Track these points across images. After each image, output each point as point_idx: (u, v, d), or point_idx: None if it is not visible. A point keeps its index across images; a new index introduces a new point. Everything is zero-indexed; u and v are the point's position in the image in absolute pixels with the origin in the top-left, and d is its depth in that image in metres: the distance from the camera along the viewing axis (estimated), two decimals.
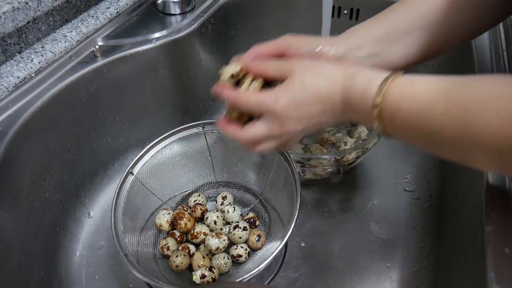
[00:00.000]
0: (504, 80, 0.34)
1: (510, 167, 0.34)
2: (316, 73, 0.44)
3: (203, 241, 0.60)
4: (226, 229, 0.62)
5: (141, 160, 0.62)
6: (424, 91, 0.38)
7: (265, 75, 0.47)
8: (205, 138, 0.66)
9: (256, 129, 0.46)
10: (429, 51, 0.51)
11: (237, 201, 0.68)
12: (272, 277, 0.61)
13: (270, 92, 0.45)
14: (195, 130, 0.65)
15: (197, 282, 0.55)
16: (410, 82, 0.39)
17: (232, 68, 0.49)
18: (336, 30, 0.71)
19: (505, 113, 0.32)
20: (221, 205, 0.65)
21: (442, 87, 0.37)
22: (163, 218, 0.63)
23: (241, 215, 0.64)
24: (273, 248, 0.56)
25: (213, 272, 0.55)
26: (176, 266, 0.57)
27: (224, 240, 0.58)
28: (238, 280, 0.51)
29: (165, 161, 0.65)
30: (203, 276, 0.54)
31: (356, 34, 0.51)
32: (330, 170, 0.67)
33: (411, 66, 0.51)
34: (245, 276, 0.51)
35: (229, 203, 0.66)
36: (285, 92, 0.44)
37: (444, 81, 0.37)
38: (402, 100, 0.39)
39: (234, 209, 0.64)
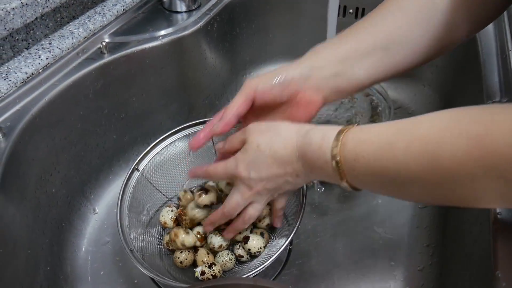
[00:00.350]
0: (459, 108, 0.34)
1: (485, 194, 0.32)
2: (270, 136, 0.45)
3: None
4: None
5: (147, 157, 0.62)
6: (381, 133, 0.38)
7: (233, 150, 0.50)
8: None
9: (230, 197, 0.49)
10: (395, 69, 0.49)
11: None
12: (276, 274, 0.61)
13: (231, 158, 0.48)
14: (200, 127, 0.65)
15: (199, 278, 0.55)
16: (365, 129, 0.40)
17: None
18: (341, 29, 0.71)
19: (468, 135, 0.31)
20: None
21: (398, 126, 0.37)
22: (167, 216, 0.63)
23: None
24: (278, 245, 0.57)
25: (213, 269, 0.55)
26: (181, 262, 0.57)
27: (219, 241, 0.57)
28: (243, 276, 0.52)
29: (171, 158, 0.66)
30: (202, 273, 0.55)
31: (319, 54, 0.50)
32: None
33: (378, 83, 0.50)
34: (250, 273, 0.52)
35: None
36: (243, 156, 0.47)
37: (399, 122, 0.38)
38: (360, 146, 0.38)
39: None
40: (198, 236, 0.58)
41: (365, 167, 0.38)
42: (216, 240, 0.57)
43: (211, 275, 0.55)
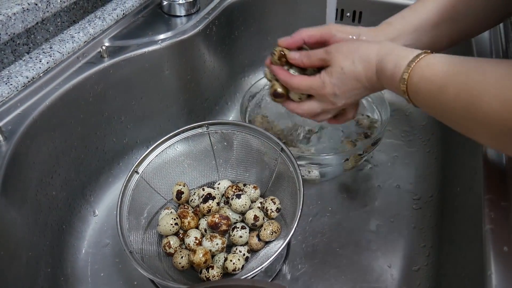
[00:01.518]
0: (508, 64, 0.38)
1: (508, 145, 0.38)
2: (352, 59, 0.51)
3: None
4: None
5: (146, 159, 0.63)
6: (441, 74, 0.43)
7: (311, 66, 0.55)
8: (209, 138, 0.67)
9: (311, 106, 0.56)
10: (455, 40, 0.56)
11: None
12: (275, 275, 0.61)
13: (316, 78, 0.53)
14: (199, 130, 0.66)
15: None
16: (432, 64, 0.44)
17: (279, 48, 0.57)
18: None
19: (503, 99, 0.36)
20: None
21: (456, 71, 0.42)
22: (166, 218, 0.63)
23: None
24: (276, 246, 0.57)
25: (212, 272, 0.56)
26: (182, 266, 0.58)
27: (217, 244, 0.57)
28: (241, 278, 0.52)
29: (170, 161, 0.66)
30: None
31: (394, 26, 0.56)
32: None
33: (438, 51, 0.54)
34: (248, 274, 0.52)
35: None
36: (330, 78, 0.52)
37: (459, 64, 0.42)
38: (422, 83, 0.44)
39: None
40: (196, 241, 0.59)
41: (423, 99, 0.45)
42: (207, 245, 0.57)
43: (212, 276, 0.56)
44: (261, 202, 0.63)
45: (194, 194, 0.66)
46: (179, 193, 0.64)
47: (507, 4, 0.54)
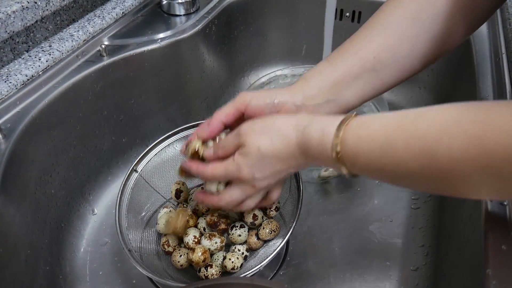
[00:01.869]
0: (459, 106, 0.35)
1: (482, 190, 0.34)
2: (270, 137, 0.45)
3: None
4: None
5: (145, 158, 0.63)
6: (381, 130, 0.38)
7: (229, 156, 0.48)
8: None
9: (232, 193, 0.49)
10: (384, 87, 0.51)
11: None
12: (273, 274, 0.61)
13: (230, 161, 0.47)
14: None
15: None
16: (365, 124, 0.40)
17: (194, 144, 0.52)
18: (338, 32, 0.72)
19: (466, 135, 0.32)
20: None
21: (398, 123, 0.38)
22: (165, 217, 0.63)
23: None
24: (275, 245, 0.58)
25: (211, 271, 0.56)
26: (181, 265, 0.58)
27: (216, 242, 0.57)
28: (240, 276, 0.52)
29: (169, 159, 0.66)
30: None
31: (311, 82, 0.51)
32: None
33: (367, 101, 0.52)
34: (247, 273, 0.52)
35: None
36: (245, 161, 0.46)
37: (398, 116, 0.38)
38: (361, 144, 0.39)
39: None
40: (195, 239, 0.59)
41: (365, 163, 0.39)
42: (206, 244, 0.57)
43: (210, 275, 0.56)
44: None
45: (193, 193, 0.66)
46: (178, 192, 0.64)
47: (432, 51, 0.49)
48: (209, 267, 0.56)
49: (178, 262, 0.58)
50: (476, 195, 0.36)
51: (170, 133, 0.65)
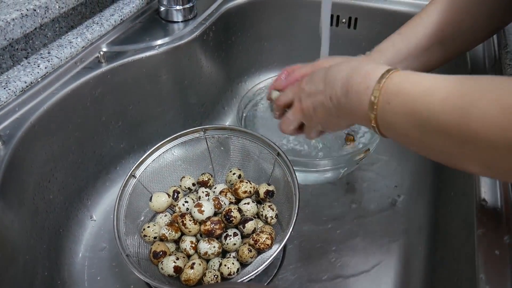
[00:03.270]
0: (505, 77, 0.35)
1: (500, 164, 0.34)
2: (337, 61, 0.50)
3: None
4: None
5: (143, 164, 0.64)
6: (429, 78, 0.39)
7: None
8: (206, 142, 0.68)
9: (287, 114, 0.55)
10: (445, 61, 0.57)
11: None
12: (270, 279, 0.62)
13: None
14: (196, 135, 0.67)
15: None
16: (415, 73, 0.41)
17: (274, 94, 0.59)
18: (335, 38, 0.73)
19: (502, 104, 0.32)
20: None
21: (443, 78, 0.38)
22: (161, 222, 0.64)
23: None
24: (272, 250, 0.58)
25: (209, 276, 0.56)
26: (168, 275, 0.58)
27: (214, 246, 0.58)
28: (237, 281, 0.53)
29: (167, 165, 0.67)
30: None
31: (386, 54, 0.56)
32: None
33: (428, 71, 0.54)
34: (243, 278, 0.53)
35: None
36: (312, 72, 0.52)
37: (446, 76, 0.38)
38: (404, 83, 0.40)
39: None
40: (192, 245, 0.59)
41: (400, 104, 0.39)
42: (203, 246, 0.58)
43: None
44: (257, 213, 0.63)
45: None
46: (176, 193, 0.65)
47: (494, 22, 0.54)
48: (207, 272, 0.56)
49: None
50: (493, 170, 0.35)
51: (168, 138, 0.66)
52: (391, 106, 0.40)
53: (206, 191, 0.65)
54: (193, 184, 0.67)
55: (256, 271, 0.53)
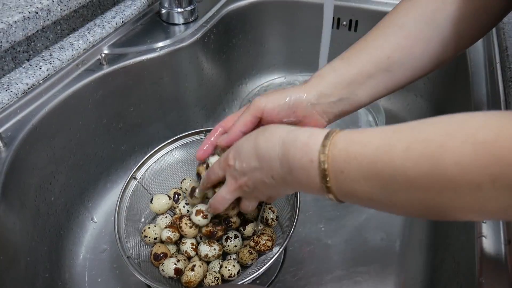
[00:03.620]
0: (464, 114, 0.32)
1: (490, 204, 0.30)
2: (260, 130, 0.45)
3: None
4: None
5: (144, 166, 0.64)
6: (377, 135, 0.35)
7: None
8: None
9: (218, 192, 0.49)
10: (395, 87, 0.51)
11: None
12: (271, 281, 0.62)
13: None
14: (197, 137, 0.67)
15: None
16: (359, 131, 0.37)
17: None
18: (335, 41, 0.73)
19: (475, 140, 0.29)
20: None
21: (397, 128, 0.34)
22: (162, 224, 0.64)
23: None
24: (273, 253, 0.58)
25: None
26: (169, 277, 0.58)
27: (214, 249, 0.58)
28: (238, 283, 0.53)
29: (168, 167, 0.67)
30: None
31: (326, 79, 0.50)
32: None
33: (377, 100, 0.52)
34: (244, 280, 0.53)
35: None
36: (232, 151, 0.46)
37: (397, 125, 0.35)
38: (353, 146, 0.36)
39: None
40: (193, 247, 0.59)
41: (356, 170, 0.35)
42: (204, 249, 0.58)
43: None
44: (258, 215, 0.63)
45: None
46: (176, 195, 0.65)
47: (445, 52, 0.49)
48: (207, 274, 0.57)
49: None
50: (481, 213, 0.31)
51: (169, 140, 0.66)
52: (345, 174, 0.36)
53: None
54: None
55: (257, 272, 0.53)
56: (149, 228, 0.61)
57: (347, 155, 0.36)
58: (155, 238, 0.60)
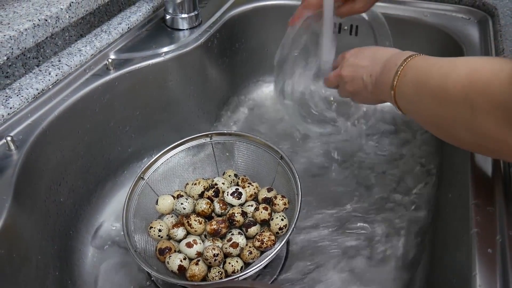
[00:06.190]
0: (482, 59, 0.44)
1: (460, 122, 0.41)
2: (384, 47, 0.59)
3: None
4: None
5: (152, 166, 0.66)
6: (436, 58, 0.47)
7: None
8: (212, 148, 0.70)
9: (330, 74, 0.65)
10: None
11: None
12: (273, 278, 0.64)
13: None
14: (202, 140, 0.69)
15: None
16: (432, 57, 0.49)
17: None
18: (337, 45, 0.74)
19: (469, 68, 0.41)
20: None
21: (448, 59, 0.45)
22: (168, 222, 0.66)
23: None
24: (275, 247, 0.60)
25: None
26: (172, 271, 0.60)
27: (218, 246, 0.60)
28: (239, 276, 0.54)
29: (174, 169, 0.69)
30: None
31: None
32: None
33: None
34: (246, 271, 0.54)
35: None
36: (356, 48, 0.61)
37: (449, 58, 0.46)
38: (422, 60, 0.49)
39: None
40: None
41: (413, 75, 0.48)
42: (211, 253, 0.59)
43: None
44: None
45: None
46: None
47: None
48: (211, 269, 0.58)
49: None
50: (459, 129, 0.42)
51: (175, 143, 0.68)
52: (406, 78, 0.49)
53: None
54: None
55: (260, 263, 0.54)
56: (155, 220, 0.63)
57: (414, 64, 0.49)
58: (160, 230, 0.62)
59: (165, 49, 0.76)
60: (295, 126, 0.81)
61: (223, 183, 0.68)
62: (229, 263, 0.58)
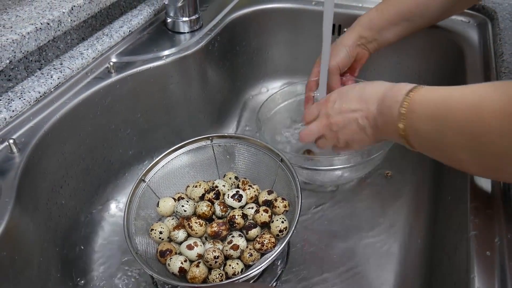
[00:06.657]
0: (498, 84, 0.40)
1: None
2: (370, 83, 0.55)
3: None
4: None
5: (153, 169, 0.66)
6: (445, 88, 0.44)
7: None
8: (213, 150, 0.70)
9: (310, 126, 0.61)
10: (415, 30, 0.71)
11: None
12: (274, 281, 0.64)
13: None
14: (203, 143, 0.69)
15: None
16: (436, 87, 0.46)
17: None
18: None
19: (508, 95, 0.36)
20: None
21: (458, 86, 0.43)
22: (169, 224, 0.66)
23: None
24: (275, 249, 0.60)
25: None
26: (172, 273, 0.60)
27: (218, 248, 0.60)
28: (240, 278, 0.55)
29: (175, 171, 0.69)
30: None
31: (364, 26, 0.70)
32: None
33: (400, 39, 0.71)
34: (247, 273, 0.54)
35: None
36: (339, 89, 0.59)
37: (454, 86, 0.44)
38: (428, 92, 0.45)
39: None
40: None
41: (424, 110, 0.45)
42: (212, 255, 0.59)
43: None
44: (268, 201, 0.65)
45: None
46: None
47: (457, 5, 0.71)
48: (212, 270, 0.59)
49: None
50: (506, 162, 0.38)
51: (176, 146, 0.68)
52: (417, 114, 0.45)
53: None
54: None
55: (261, 265, 0.55)
56: (156, 223, 0.64)
57: (421, 99, 0.45)
58: (161, 232, 0.62)
59: (166, 52, 0.77)
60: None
61: (223, 186, 0.68)
62: (230, 265, 0.59)
